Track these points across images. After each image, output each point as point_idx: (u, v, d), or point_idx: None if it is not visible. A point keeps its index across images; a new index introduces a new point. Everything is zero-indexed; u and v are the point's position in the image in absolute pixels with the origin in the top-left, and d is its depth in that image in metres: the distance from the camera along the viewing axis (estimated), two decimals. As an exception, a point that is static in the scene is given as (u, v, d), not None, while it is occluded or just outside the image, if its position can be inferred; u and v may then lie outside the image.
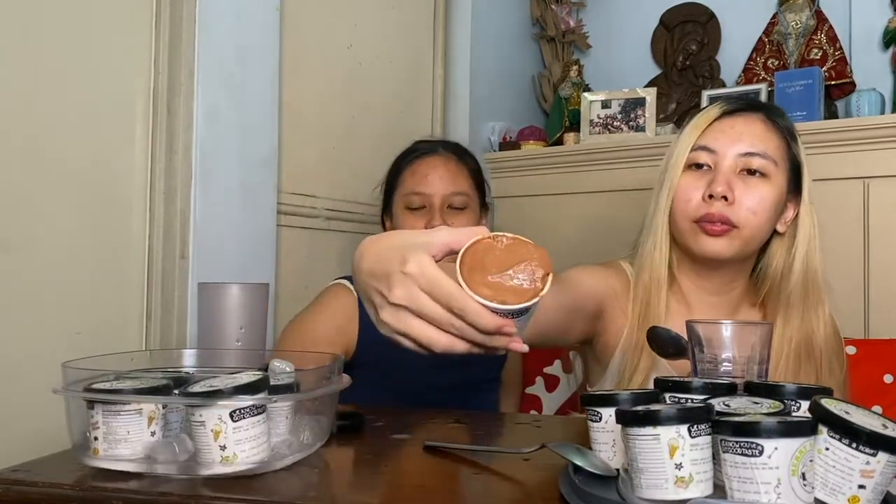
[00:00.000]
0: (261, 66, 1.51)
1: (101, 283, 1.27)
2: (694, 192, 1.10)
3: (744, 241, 1.09)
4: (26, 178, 1.17)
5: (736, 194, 1.07)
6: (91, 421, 0.76)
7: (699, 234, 1.09)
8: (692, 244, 1.11)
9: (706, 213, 1.08)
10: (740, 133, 1.10)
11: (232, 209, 1.43)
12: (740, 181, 1.09)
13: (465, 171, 1.41)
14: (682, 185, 1.11)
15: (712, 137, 1.11)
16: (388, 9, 2.02)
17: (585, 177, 2.18)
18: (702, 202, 1.09)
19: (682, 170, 1.12)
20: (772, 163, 1.09)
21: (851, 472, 0.58)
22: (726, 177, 1.08)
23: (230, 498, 0.69)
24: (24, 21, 1.17)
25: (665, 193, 1.13)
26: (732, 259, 1.12)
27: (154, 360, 1.04)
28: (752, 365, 0.83)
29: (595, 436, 0.75)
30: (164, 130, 1.35)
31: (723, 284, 1.16)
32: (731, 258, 1.11)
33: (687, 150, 1.12)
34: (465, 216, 1.37)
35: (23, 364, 1.14)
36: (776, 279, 1.14)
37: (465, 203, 1.37)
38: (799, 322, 1.13)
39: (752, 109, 1.14)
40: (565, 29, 2.53)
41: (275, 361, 0.88)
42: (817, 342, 1.13)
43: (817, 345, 1.13)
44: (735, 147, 1.09)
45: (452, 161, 1.40)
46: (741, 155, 1.09)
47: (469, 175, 1.42)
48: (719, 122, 1.13)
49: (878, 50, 2.13)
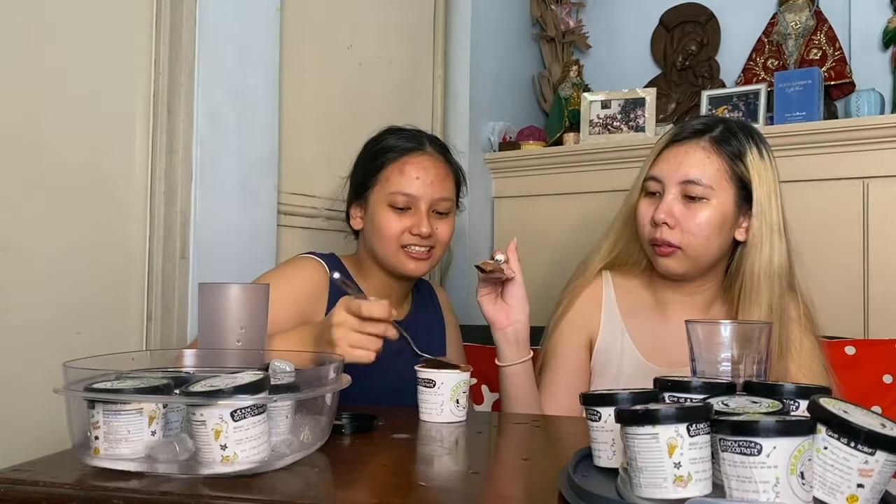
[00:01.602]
0: (261, 66, 1.51)
1: (101, 283, 1.27)
2: (645, 219, 1.25)
3: (690, 259, 1.21)
4: (26, 178, 1.17)
5: (678, 218, 1.20)
6: (92, 420, 0.76)
7: (655, 256, 1.24)
8: (653, 262, 1.27)
9: (653, 237, 1.23)
10: (680, 163, 1.22)
11: (232, 209, 1.44)
12: (682, 206, 1.21)
13: (452, 175, 1.38)
14: (639, 211, 1.27)
15: (658, 168, 1.25)
16: (388, 9, 2.02)
17: (585, 177, 2.19)
18: (651, 227, 1.23)
19: (640, 196, 1.27)
20: (709, 188, 1.20)
21: (850, 472, 0.58)
22: (668, 205, 1.21)
23: (230, 497, 0.69)
24: (25, 21, 1.17)
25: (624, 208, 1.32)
26: (687, 274, 1.24)
27: (154, 360, 1.04)
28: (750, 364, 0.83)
29: (594, 435, 0.76)
30: (164, 130, 1.35)
31: (692, 288, 1.28)
32: (685, 273, 1.24)
33: (642, 178, 1.27)
34: (448, 221, 1.35)
35: (23, 364, 1.14)
36: (742, 280, 1.22)
37: (449, 209, 1.35)
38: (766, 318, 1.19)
39: (697, 136, 1.24)
40: (565, 29, 2.53)
41: (275, 361, 0.88)
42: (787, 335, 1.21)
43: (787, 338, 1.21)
44: (675, 176, 1.22)
45: (441, 163, 1.35)
46: (681, 183, 1.21)
47: (454, 179, 1.38)
48: (666, 151, 1.25)
49: (877, 50, 2.13)
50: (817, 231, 1.85)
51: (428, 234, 1.29)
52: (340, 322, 1.01)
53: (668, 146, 1.25)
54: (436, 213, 1.33)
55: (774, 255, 1.20)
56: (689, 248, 1.20)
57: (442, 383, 1.04)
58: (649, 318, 1.31)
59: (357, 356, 1.00)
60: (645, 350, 1.28)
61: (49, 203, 1.20)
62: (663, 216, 1.20)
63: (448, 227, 1.35)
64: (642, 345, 1.29)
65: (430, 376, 1.05)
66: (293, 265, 1.33)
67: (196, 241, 1.35)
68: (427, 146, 1.36)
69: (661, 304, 1.31)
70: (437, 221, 1.33)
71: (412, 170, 1.31)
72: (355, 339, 1.00)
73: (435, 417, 1.05)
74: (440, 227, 1.32)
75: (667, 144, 1.26)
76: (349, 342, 1.00)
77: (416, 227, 1.29)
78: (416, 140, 1.36)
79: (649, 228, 1.23)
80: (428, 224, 1.29)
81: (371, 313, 1.00)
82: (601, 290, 1.34)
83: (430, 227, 1.29)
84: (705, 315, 1.28)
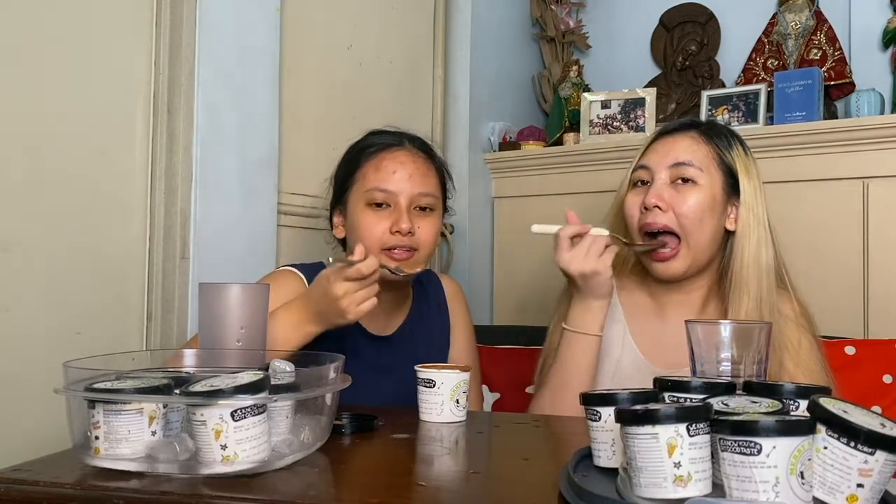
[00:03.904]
0: (261, 66, 1.51)
1: (101, 283, 1.27)
2: (635, 209, 1.25)
3: (691, 250, 1.21)
4: (26, 178, 1.17)
5: (668, 202, 1.21)
6: (92, 420, 0.76)
7: (652, 263, 1.24)
8: (649, 269, 1.26)
9: (644, 222, 1.22)
10: (669, 150, 1.24)
11: (232, 209, 1.44)
12: (673, 190, 1.22)
13: (434, 171, 1.31)
14: (628, 202, 1.27)
15: (647, 157, 1.26)
16: (388, 9, 2.02)
17: (585, 177, 2.18)
18: (641, 213, 1.23)
19: (628, 189, 1.27)
20: (698, 170, 1.21)
21: (850, 471, 0.58)
22: (658, 189, 1.22)
23: (231, 497, 0.69)
24: (25, 21, 1.17)
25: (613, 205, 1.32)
26: (688, 272, 1.23)
27: (154, 360, 1.04)
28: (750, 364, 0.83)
29: (594, 435, 0.76)
30: (164, 130, 1.35)
31: (688, 286, 1.27)
32: (686, 271, 1.23)
33: (630, 171, 1.28)
34: (431, 219, 1.27)
35: (23, 364, 1.14)
36: (732, 272, 1.22)
37: (432, 205, 1.27)
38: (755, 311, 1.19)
39: (686, 128, 1.27)
40: (565, 29, 2.53)
41: (275, 361, 0.88)
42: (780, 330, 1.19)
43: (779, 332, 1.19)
44: (665, 160, 1.23)
45: (421, 158, 1.29)
46: (670, 167, 1.22)
47: (437, 175, 1.31)
48: (655, 143, 1.27)
49: (877, 50, 2.13)
50: (817, 231, 1.85)
51: (408, 230, 1.21)
52: (343, 293, 1.07)
53: (657, 139, 1.28)
54: (418, 209, 1.25)
55: (762, 247, 1.21)
56: (687, 233, 1.20)
57: (442, 383, 1.04)
58: (647, 318, 1.31)
59: (366, 308, 1.09)
60: (644, 349, 1.28)
61: (49, 203, 1.20)
62: (654, 200, 1.20)
63: (432, 225, 1.27)
64: (641, 343, 1.29)
65: (429, 376, 1.05)
66: (273, 280, 1.26)
67: (196, 241, 1.35)
68: (406, 143, 1.30)
69: (658, 304, 1.30)
70: (420, 219, 1.25)
71: (389, 164, 1.25)
72: (359, 297, 1.08)
73: (435, 417, 1.05)
74: (423, 226, 1.25)
75: (655, 138, 1.28)
76: (356, 303, 1.08)
77: (396, 224, 1.22)
78: (395, 137, 1.31)
79: (639, 215, 1.23)
80: (408, 220, 1.22)
81: (363, 272, 1.07)
82: None
83: (411, 223, 1.22)
84: (702, 313, 1.28)
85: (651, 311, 1.31)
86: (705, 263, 1.25)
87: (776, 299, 1.21)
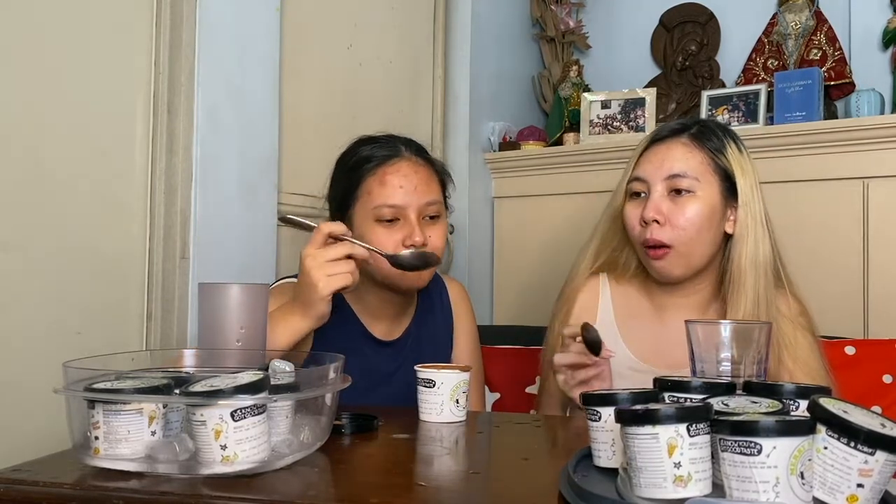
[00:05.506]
0: (261, 66, 1.51)
1: (101, 283, 1.27)
2: (635, 221, 1.25)
3: (682, 256, 1.21)
4: (26, 178, 1.17)
5: (666, 215, 1.21)
6: (92, 420, 0.76)
7: (649, 260, 1.24)
8: (648, 268, 1.27)
9: (644, 238, 1.22)
10: (662, 159, 1.23)
11: (232, 209, 1.44)
12: (670, 202, 1.22)
13: (435, 176, 1.31)
14: (627, 214, 1.27)
15: (642, 168, 1.26)
16: (388, 9, 2.02)
17: (585, 177, 2.18)
18: (641, 228, 1.23)
19: (626, 199, 1.27)
20: (694, 180, 1.21)
21: (850, 471, 0.58)
22: (656, 203, 1.21)
23: (230, 497, 0.69)
24: (25, 21, 1.17)
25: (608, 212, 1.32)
26: (682, 275, 1.23)
27: (154, 360, 1.04)
28: (750, 364, 0.83)
29: (594, 435, 0.76)
30: (164, 130, 1.35)
31: (688, 289, 1.27)
32: (681, 275, 1.23)
33: (625, 182, 1.28)
34: (440, 226, 1.28)
35: (23, 364, 1.14)
36: (730, 273, 1.22)
37: (438, 211, 1.28)
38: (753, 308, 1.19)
39: (676, 134, 1.26)
40: (565, 29, 2.53)
41: (275, 361, 0.88)
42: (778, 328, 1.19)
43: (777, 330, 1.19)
44: (659, 173, 1.23)
45: (422, 166, 1.28)
46: (666, 179, 1.22)
47: (438, 180, 1.32)
48: (647, 152, 1.27)
49: (877, 50, 2.13)
50: (817, 231, 1.85)
51: (423, 243, 1.23)
52: (310, 262, 1.07)
53: (649, 147, 1.27)
54: (426, 218, 1.26)
55: (759, 245, 1.21)
56: (679, 244, 1.20)
57: (442, 383, 1.04)
58: (646, 323, 1.30)
59: (338, 283, 1.07)
60: (642, 354, 1.28)
61: (49, 203, 1.20)
62: (652, 214, 1.20)
63: (441, 231, 1.28)
64: (639, 349, 1.28)
65: (429, 376, 1.05)
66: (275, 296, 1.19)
67: (196, 241, 1.35)
68: (403, 151, 1.29)
69: (658, 307, 1.30)
70: (430, 228, 1.26)
71: (393, 179, 1.24)
72: (329, 269, 1.07)
73: (435, 417, 1.05)
74: (433, 234, 1.26)
75: (647, 146, 1.27)
76: (326, 274, 1.06)
77: (409, 237, 1.22)
78: (391, 147, 1.29)
79: (640, 230, 1.23)
80: (421, 233, 1.23)
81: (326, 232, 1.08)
82: (597, 292, 1.34)
83: (423, 235, 1.23)
84: (703, 316, 1.27)
85: (650, 315, 1.31)
86: (704, 266, 1.25)
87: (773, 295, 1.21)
